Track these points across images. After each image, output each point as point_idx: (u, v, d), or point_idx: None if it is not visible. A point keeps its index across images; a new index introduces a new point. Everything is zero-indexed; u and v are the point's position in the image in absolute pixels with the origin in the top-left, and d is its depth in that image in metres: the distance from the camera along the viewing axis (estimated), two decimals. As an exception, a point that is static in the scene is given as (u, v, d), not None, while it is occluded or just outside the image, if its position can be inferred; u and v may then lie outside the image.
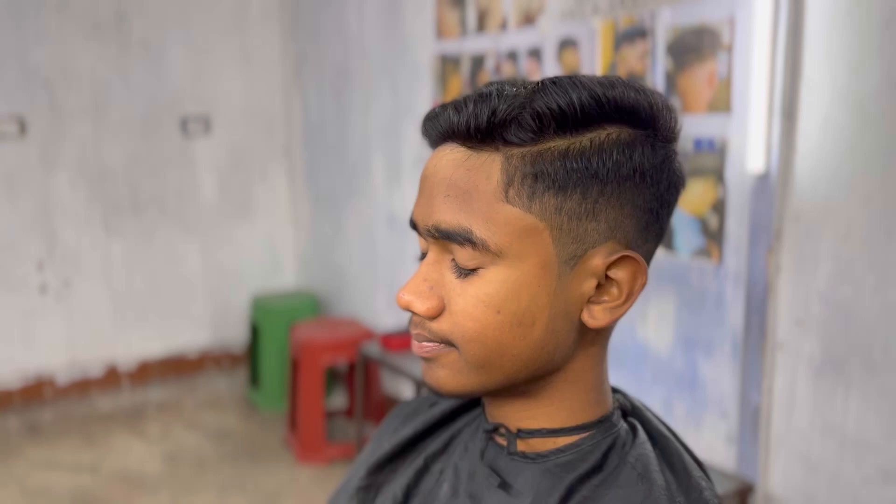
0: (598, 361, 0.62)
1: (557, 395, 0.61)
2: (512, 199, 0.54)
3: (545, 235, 0.55)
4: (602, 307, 0.58)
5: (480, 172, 0.55)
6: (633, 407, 0.66)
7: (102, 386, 3.56)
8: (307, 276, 3.89)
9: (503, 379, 0.58)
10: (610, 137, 0.55)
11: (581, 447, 0.60)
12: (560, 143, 0.55)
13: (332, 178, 3.55)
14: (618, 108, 0.55)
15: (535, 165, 0.54)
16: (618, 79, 0.57)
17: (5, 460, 2.94)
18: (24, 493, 2.71)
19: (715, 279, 1.87)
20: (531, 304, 0.56)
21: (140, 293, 3.60)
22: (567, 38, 2.21)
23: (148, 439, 3.13)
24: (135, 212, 3.55)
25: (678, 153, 0.60)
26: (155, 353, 3.67)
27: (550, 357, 0.58)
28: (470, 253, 0.55)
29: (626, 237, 0.57)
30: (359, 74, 3.26)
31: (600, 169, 0.55)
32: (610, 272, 0.57)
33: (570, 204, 0.55)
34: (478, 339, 0.56)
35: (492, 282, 0.56)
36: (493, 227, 0.55)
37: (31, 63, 3.26)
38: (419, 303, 0.58)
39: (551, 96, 0.54)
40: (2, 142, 3.23)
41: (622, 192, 0.56)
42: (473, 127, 0.55)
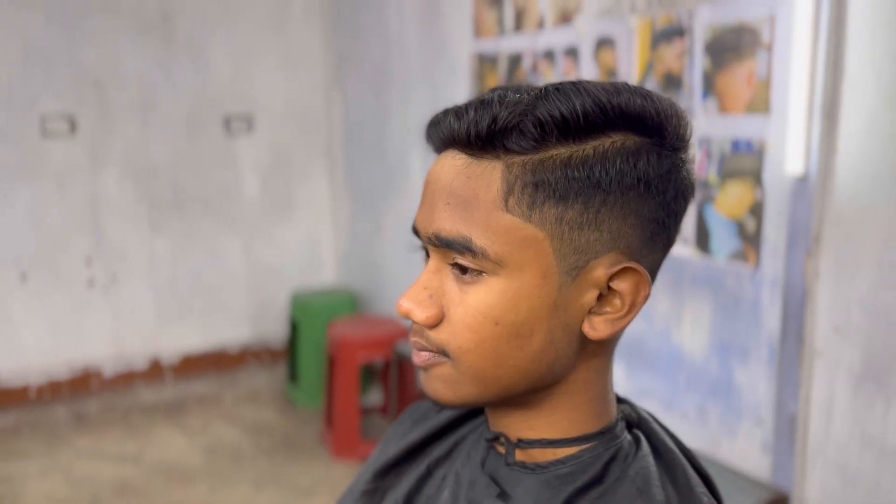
0: (601, 372, 0.61)
1: (558, 406, 0.60)
2: (512, 207, 0.54)
3: (545, 245, 0.54)
4: (604, 318, 0.57)
5: (481, 180, 0.54)
6: (640, 418, 0.65)
7: (146, 378, 3.64)
8: (345, 274, 3.92)
9: (500, 390, 0.58)
10: (614, 145, 0.54)
11: (581, 459, 0.59)
12: (563, 151, 0.53)
13: (371, 176, 3.57)
14: (623, 115, 0.54)
15: (536, 174, 0.53)
16: (624, 85, 0.55)
17: (52, 449, 3.03)
18: (69, 481, 2.79)
19: (752, 283, 1.83)
20: (530, 315, 0.55)
21: (183, 289, 3.67)
22: (604, 36, 2.18)
23: (188, 432, 3.19)
24: (179, 209, 3.63)
25: (687, 161, 0.58)
26: (197, 347, 3.75)
27: (550, 369, 0.57)
28: (470, 262, 0.55)
29: (630, 247, 0.56)
30: (397, 74, 3.27)
31: (603, 178, 0.53)
32: (612, 283, 0.56)
33: (571, 214, 0.54)
34: (475, 350, 0.56)
35: (491, 292, 0.55)
36: (492, 236, 0.54)
37: (81, 63, 3.35)
38: (419, 311, 0.57)
39: (553, 103, 0.53)
40: (53, 140, 3.33)
41: (626, 201, 0.54)
42: (474, 134, 0.54)
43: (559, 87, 0.54)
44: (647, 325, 2.12)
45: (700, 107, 1.91)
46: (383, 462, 0.71)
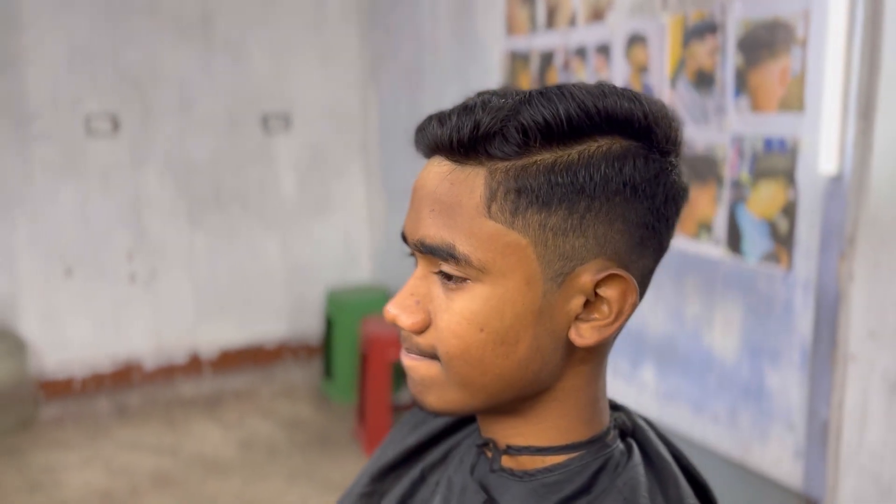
0: (591, 380, 0.60)
1: (546, 414, 0.59)
2: (494, 214, 0.53)
3: (529, 252, 0.53)
4: (591, 325, 0.56)
5: (464, 187, 0.54)
6: (635, 427, 0.64)
7: (186, 372, 3.72)
8: (380, 271, 3.94)
9: (487, 398, 0.57)
10: (600, 150, 0.53)
11: (569, 467, 0.58)
12: (547, 156, 0.53)
13: (405, 174, 3.58)
14: (609, 118, 0.53)
15: (519, 180, 0.53)
16: (611, 88, 0.55)
17: (94, 439, 3.12)
18: (109, 472, 2.86)
19: (784, 286, 1.78)
20: (515, 321, 0.54)
21: (222, 284, 3.74)
22: (636, 33, 2.15)
23: (225, 425, 3.25)
24: (218, 206, 3.69)
25: (677, 165, 0.57)
26: (235, 342, 3.81)
27: (536, 376, 0.57)
28: (454, 269, 0.55)
29: (618, 253, 0.55)
30: (430, 72, 3.27)
31: (587, 183, 0.53)
32: (599, 290, 0.55)
33: (554, 220, 0.53)
34: (461, 356, 0.56)
35: (476, 298, 0.54)
36: (475, 243, 0.53)
37: (124, 64, 3.43)
38: (405, 317, 0.57)
39: (537, 108, 0.52)
40: (97, 139, 3.42)
41: (612, 207, 0.54)
42: (456, 140, 0.54)
43: (543, 92, 0.53)
44: (678, 326, 2.09)
45: (732, 105, 1.87)
46: (381, 465, 0.72)
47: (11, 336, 3.28)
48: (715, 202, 1.94)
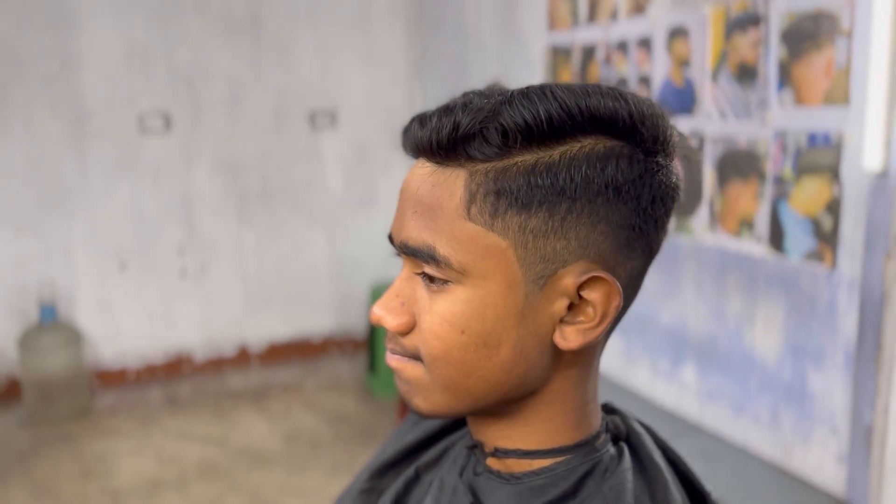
0: (579, 383, 0.59)
1: (533, 417, 0.59)
2: (474, 216, 0.53)
3: (509, 254, 0.53)
4: (575, 328, 0.55)
5: (445, 189, 0.54)
6: (630, 431, 0.63)
7: (234, 364, 3.80)
8: (426, 267, 3.95)
9: (472, 401, 0.57)
10: (582, 151, 0.52)
11: (556, 471, 0.58)
12: (528, 157, 0.52)
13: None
14: (593, 118, 0.52)
15: (498, 182, 0.52)
16: (596, 87, 0.54)
17: (146, 428, 3.21)
18: (159, 460, 2.95)
19: (827, 285, 1.73)
20: (497, 324, 0.54)
21: (269, 279, 3.81)
22: (677, 26, 2.11)
23: (270, 417, 3.31)
24: (266, 202, 3.75)
25: (665, 165, 0.56)
26: (282, 336, 3.88)
27: (521, 379, 0.56)
28: (435, 271, 0.54)
29: (602, 255, 0.54)
30: (475, 68, 3.26)
31: (568, 185, 0.52)
32: (583, 293, 0.54)
33: (534, 222, 0.52)
34: (443, 357, 0.55)
35: (457, 301, 0.54)
36: (455, 246, 0.53)
37: (176, 63, 3.51)
38: (390, 318, 0.57)
39: (517, 109, 0.51)
40: (150, 136, 3.51)
41: (594, 208, 0.53)
42: (436, 142, 0.54)
43: (525, 92, 0.52)
44: (719, 325, 2.04)
45: (775, 98, 1.82)
46: (381, 462, 0.72)
47: (69, 327, 3.40)
48: (757, 199, 1.89)
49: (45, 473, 2.85)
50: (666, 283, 2.23)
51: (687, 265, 2.14)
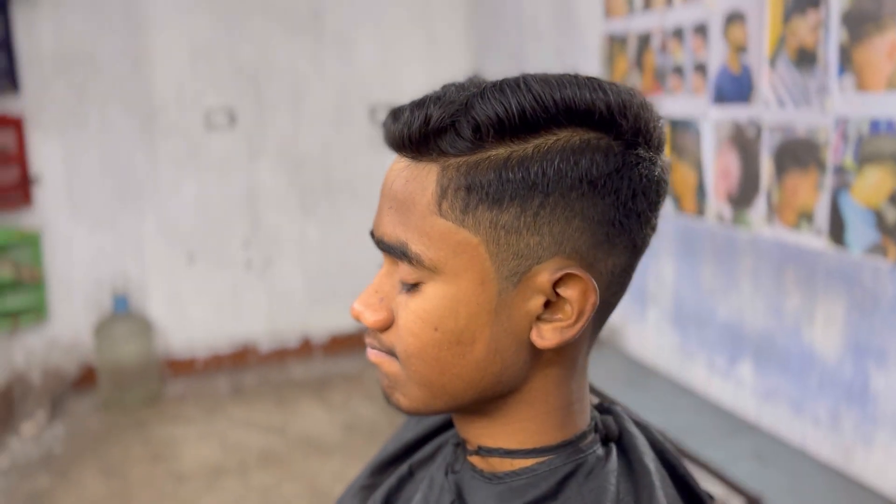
0: (562, 382, 0.57)
1: (515, 416, 0.57)
2: (445, 212, 0.52)
3: (481, 251, 0.52)
4: (553, 326, 0.53)
5: (417, 184, 0.53)
6: (623, 432, 0.61)
7: (298, 355, 3.88)
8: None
9: (449, 399, 0.56)
10: (556, 144, 0.51)
11: (537, 472, 0.56)
12: (501, 151, 0.51)
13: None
14: (568, 110, 0.51)
15: (469, 177, 0.51)
16: (573, 77, 0.52)
17: (212, 416, 3.32)
18: (223, 447, 3.04)
19: (891, 280, 1.64)
20: (470, 322, 0.53)
21: (332, 271, 3.87)
22: (734, 11, 2.03)
23: (331, 407, 3.37)
24: (327, 195, 3.81)
25: (648, 157, 0.54)
26: (344, 328, 3.93)
27: (497, 377, 0.55)
28: (408, 268, 0.54)
29: (578, 252, 0.52)
30: (533, 58, 3.23)
31: (540, 179, 0.50)
32: (560, 290, 0.53)
33: (506, 217, 0.51)
34: (417, 355, 0.55)
35: (430, 298, 0.54)
36: (427, 242, 0.52)
37: (241, 59, 3.60)
38: (369, 314, 0.57)
39: (489, 102, 0.50)
40: (216, 132, 3.62)
41: (568, 203, 0.51)
42: (407, 136, 0.53)
43: (499, 85, 0.51)
44: (777, 321, 1.97)
45: (836, 84, 1.73)
46: (382, 459, 0.72)
47: (141, 318, 3.54)
48: (816, 190, 1.81)
49: (116, 456, 2.98)
50: (722, 277, 2.16)
51: (744, 259, 2.07)
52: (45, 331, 3.50)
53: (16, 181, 3.33)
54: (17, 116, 3.32)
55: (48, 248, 3.46)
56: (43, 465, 2.93)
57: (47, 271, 3.47)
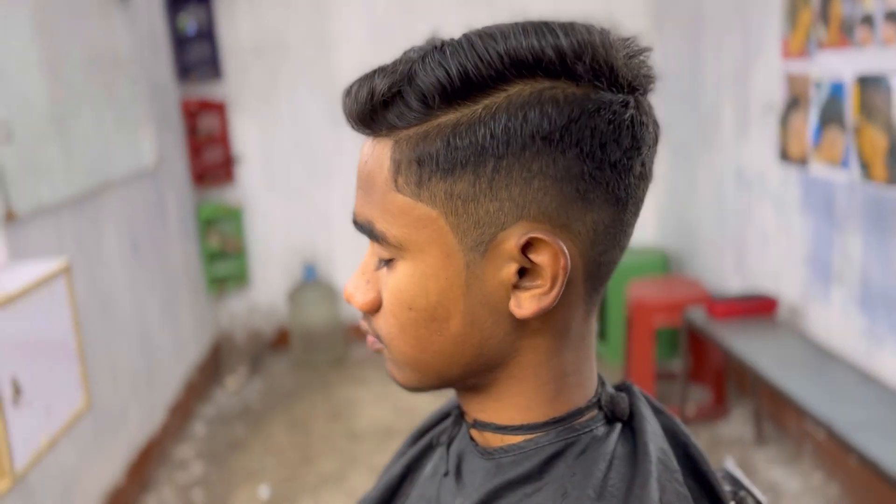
0: (553, 354, 0.54)
1: (505, 391, 0.55)
2: (402, 187, 0.50)
3: (441, 223, 0.50)
4: (530, 294, 0.50)
5: (376, 161, 0.52)
6: (635, 413, 0.56)
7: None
8: (661, 232, 3.77)
9: (436, 376, 0.55)
10: (508, 100, 0.47)
11: (524, 449, 0.54)
12: (450, 117, 0.48)
13: (686, 128, 3.37)
14: (514, 62, 0.47)
15: (418, 148, 0.49)
16: (519, 26, 0.48)
17: (387, 382, 3.47)
18: (395, 410, 3.20)
19: None
20: (442, 297, 0.51)
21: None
22: (932, -53, 1.76)
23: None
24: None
25: (615, 100, 0.48)
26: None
27: (479, 350, 0.53)
28: (379, 247, 0.53)
29: (545, 213, 0.49)
30: (711, 18, 3.01)
31: (489, 142, 0.47)
32: (531, 255, 0.49)
33: (461, 186, 0.48)
34: (400, 335, 0.54)
35: (401, 277, 0.52)
36: (390, 219, 0.51)
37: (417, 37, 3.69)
38: (358, 296, 0.56)
39: (430, 68, 0.47)
40: (395, 109, 3.76)
41: (524, 163, 0.47)
42: (357, 112, 0.51)
43: (441, 46, 0.48)
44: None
45: None
46: (420, 427, 0.73)
47: (328, 285, 3.80)
48: None
49: (302, 412, 3.24)
50: (915, 253, 1.90)
51: (940, 233, 1.81)
52: (246, 296, 3.86)
53: (221, 160, 3.69)
54: (220, 101, 3.67)
55: (248, 221, 3.80)
56: (241, 417, 3.25)
57: (248, 242, 3.82)
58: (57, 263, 1.55)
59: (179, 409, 3.14)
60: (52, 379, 1.46)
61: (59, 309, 1.51)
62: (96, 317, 2.43)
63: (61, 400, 1.48)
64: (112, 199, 2.67)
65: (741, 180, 2.86)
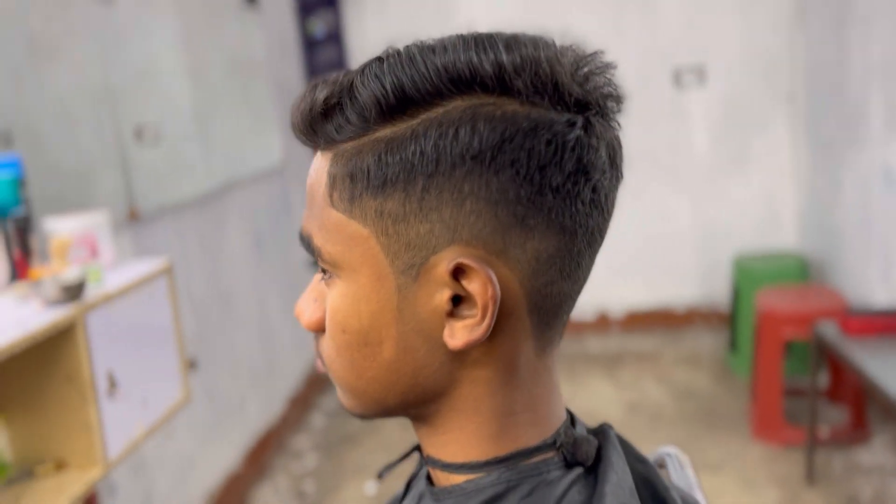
0: (495, 389, 0.49)
1: (447, 425, 0.51)
2: (336, 202, 0.48)
3: (372, 243, 0.47)
4: (464, 324, 0.46)
5: (317, 174, 0.50)
6: (602, 459, 0.50)
7: (594, 329, 3.85)
8: (802, 237, 3.49)
9: (374, 404, 0.52)
10: (441, 116, 0.45)
11: (465, 490, 0.50)
12: (387, 132, 0.46)
13: (829, 124, 3.09)
14: (452, 78, 0.44)
15: (350, 163, 0.47)
16: (461, 38, 0.45)
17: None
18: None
19: None
20: (373, 321, 0.48)
21: (631, 245, 3.75)
22: None
23: (619, 385, 3.30)
24: (627, 165, 3.67)
25: (558, 120, 0.45)
26: (643, 304, 3.80)
27: (413, 380, 0.49)
28: (320, 264, 0.51)
29: (479, 238, 0.45)
30: (859, 1, 2.74)
31: (418, 160, 0.45)
32: (464, 282, 0.46)
33: (391, 205, 0.46)
34: (337, 359, 0.51)
35: (336, 297, 0.50)
36: (325, 235, 0.49)
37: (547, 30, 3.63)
38: (305, 315, 0.54)
39: (368, 81, 0.46)
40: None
41: (454, 184, 0.44)
42: (298, 124, 0.49)
43: (381, 59, 0.46)
44: None
45: None
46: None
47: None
48: None
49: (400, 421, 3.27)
50: None
51: None
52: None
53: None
54: (346, 102, 3.77)
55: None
56: (357, 410, 3.33)
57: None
58: (159, 263, 1.63)
59: (299, 400, 3.25)
60: (149, 373, 1.54)
61: (159, 307, 1.60)
62: (218, 309, 2.56)
63: (159, 394, 1.56)
64: (238, 197, 2.81)
65: (889, 180, 2.58)
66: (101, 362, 1.38)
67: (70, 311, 1.31)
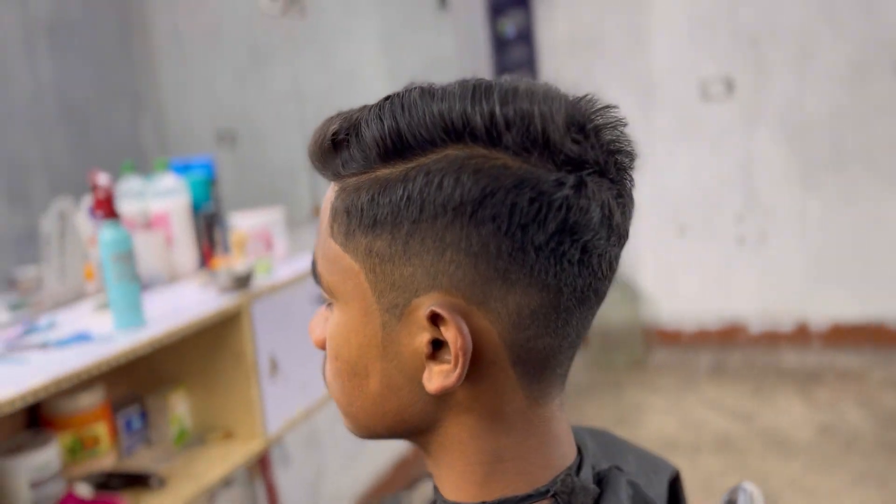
0: (479, 435, 0.50)
1: (440, 460, 0.52)
2: (335, 235, 0.50)
3: (361, 279, 0.49)
4: (440, 369, 0.47)
5: (326, 203, 0.52)
6: None
7: (791, 341, 3.56)
8: None
9: (365, 430, 0.54)
10: (432, 164, 0.46)
11: None
12: (384, 172, 0.48)
13: None
14: (446, 126, 0.45)
15: (349, 199, 0.49)
16: (463, 86, 0.46)
17: (683, 390, 3.32)
18: (683, 423, 3.03)
19: None
20: (361, 353, 0.50)
21: (838, 252, 3.42)
22: None
23: (812, 404, 3.03)
24: (836, 167, 3.36)
25: (547, 178, 0.44)
26: (850, 316, 3.45)
27: (398, 416, 0.51)
28: (321, 290, 0.54)
29: (458, 287, 0.46)
30: None
31: (404, 205, 0.46)
32: (442, 328, 0.47)
33: (379, 244, 0.47)
34: (333, 382, 0.54)
35: (332, 324, 0.52)
36: (325, 264, 0.52)
37: (740, 25, 3.41)
38: (314, 333, 0.56)
39: (374, 121, 0.48)
40: (711, 102, 3.52)
41: (437, 232, 0.45)
42: (312, 153, 0.52)
43: (390, 99, 0.48)
44: None
45: None
46: None
47: (630, 286, 3.71)
48: None
49: (589, 411, 3.24)
50: None
51: None
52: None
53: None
54: (533, 100, 3.78)
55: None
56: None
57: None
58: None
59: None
60: (309, 361, 1.68)
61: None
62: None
63: (317, 380, 1.69)
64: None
65: None
66: (264, 346, 1.53)
67: (238, 298, 1.47)
